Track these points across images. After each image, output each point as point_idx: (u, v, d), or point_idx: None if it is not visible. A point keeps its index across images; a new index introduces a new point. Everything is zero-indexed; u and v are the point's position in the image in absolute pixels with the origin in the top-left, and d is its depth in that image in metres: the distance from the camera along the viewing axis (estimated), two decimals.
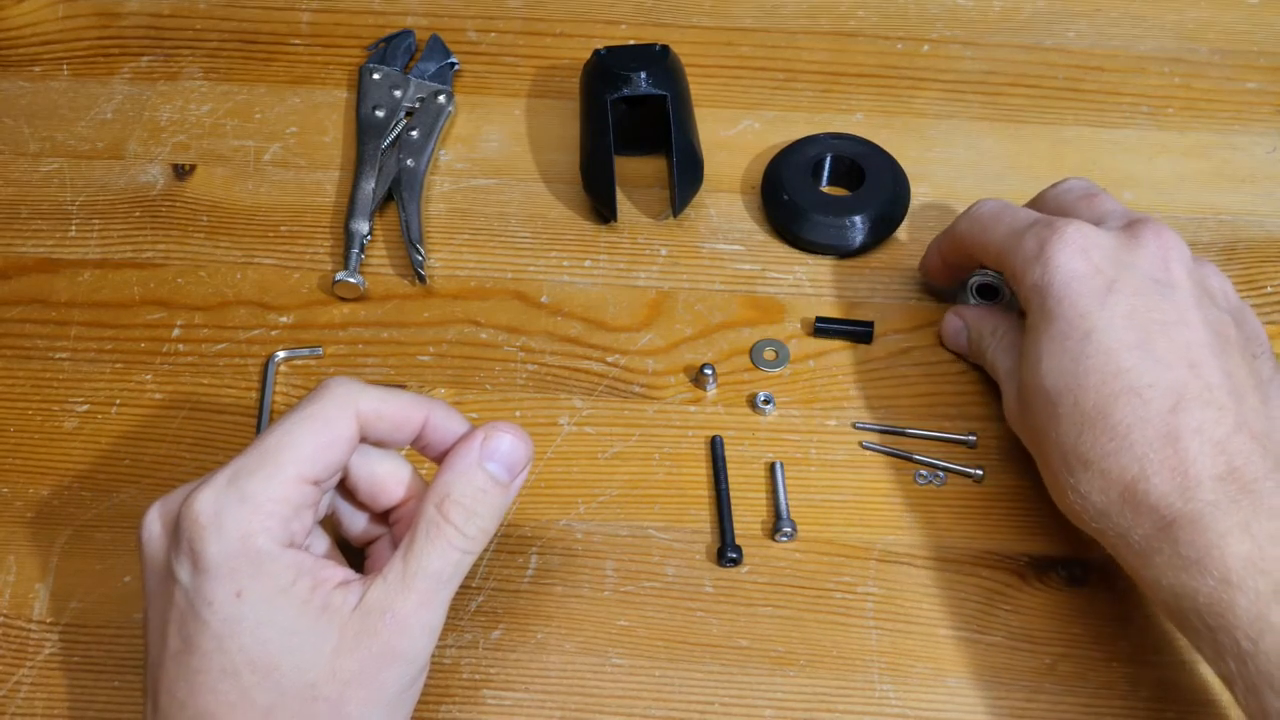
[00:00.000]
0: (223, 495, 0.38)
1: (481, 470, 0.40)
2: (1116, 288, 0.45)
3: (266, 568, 0.38)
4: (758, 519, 0.51)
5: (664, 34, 0.69)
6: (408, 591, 0.39)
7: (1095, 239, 0.46)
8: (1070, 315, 0.45)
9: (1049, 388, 0.45)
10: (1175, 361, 0.43)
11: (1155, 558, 0.41)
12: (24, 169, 0.63)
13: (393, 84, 0.64)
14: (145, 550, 0.40)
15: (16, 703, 0.47)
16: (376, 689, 0.38)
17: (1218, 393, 0.42)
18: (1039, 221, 0.48)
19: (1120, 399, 0.43)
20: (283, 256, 0.60)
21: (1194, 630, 0.41)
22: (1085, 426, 0.43)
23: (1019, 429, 0.49)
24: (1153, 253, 0.46)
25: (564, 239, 0.60)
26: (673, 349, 0.56)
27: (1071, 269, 0.45)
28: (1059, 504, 0.46)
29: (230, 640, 0.37)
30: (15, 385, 0.56)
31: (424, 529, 0.39)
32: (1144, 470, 0.42)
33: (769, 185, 0.61)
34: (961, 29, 0.69)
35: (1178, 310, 0.44)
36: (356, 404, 0.40)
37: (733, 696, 0.47)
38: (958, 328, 0.55)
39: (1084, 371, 0.44)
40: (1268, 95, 0.65)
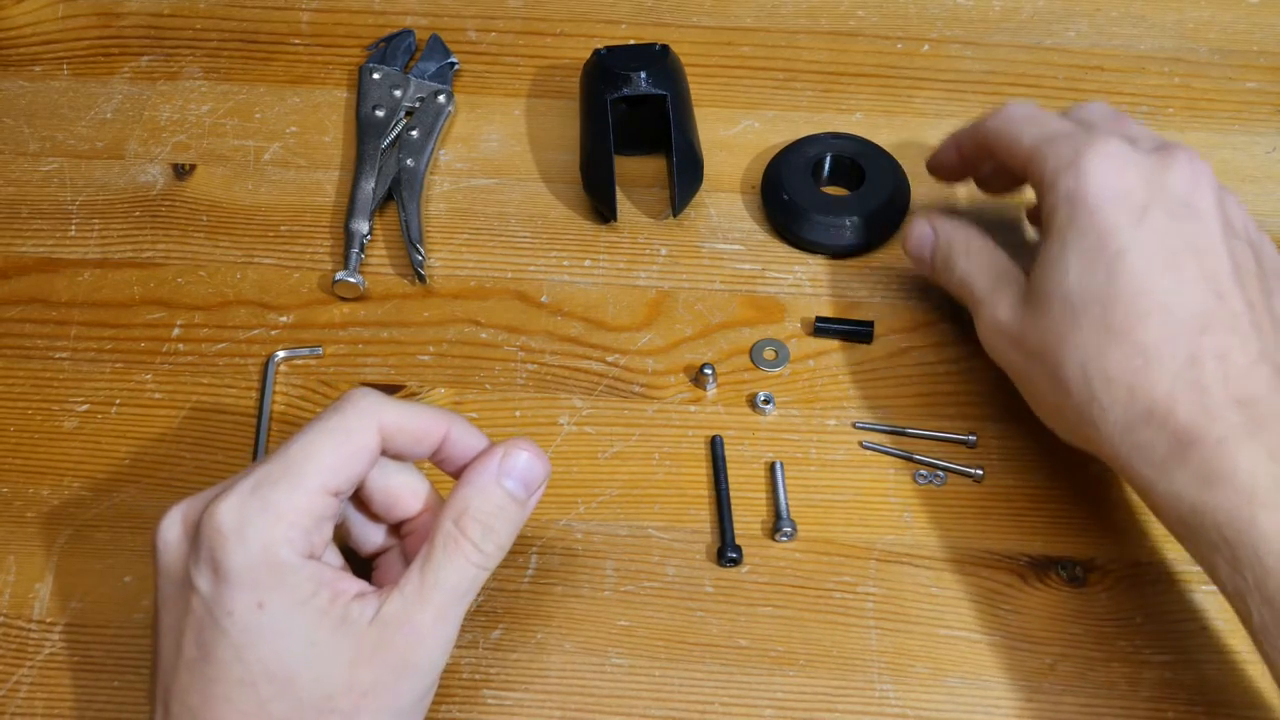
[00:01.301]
0: (246, 505, 0.38)
1: (499, 487, 0.41)
2: (1150, 208, 0.45)
3: (288, 579, 0.38)
4: (758, 519, 0.51)
5: (664, 34, 0.69)
6: (425, 605, 0.39)
7: (1132, 157, 0.46)
8: (1104, 229, 0.44)
9: (1076, 299, 0.44)
10: (1203, 287, 0.44)
11: (1176, 472, 0.42)
12: (24, 169, 0.63)
13: (393, 84, 0.64)
14: (161, 557, 0.40)
15: (16, 703, 0.47)
16: (391, 700, 0.38)
17: (1241, 321, 0.43)
18: (1076, 131, 0.48)
19: (1151, 317, 0.43)
20: (283, 256, 0.60)
21: (1210, 544, 0.41)
22: (1112, 341, 0.43)
23: (1010, 350, 0.48)
24: (1185, 178, 0.46)
25: (564, 239, 0.60)
26: (673, 349, 0.56)
27: (1109, 183, 0.45)
28: (1061, 421, 0.46)
29: (249, 651, 0.37)
30: (15, 385, 0.56)
31: (441, 543, 0.39)
32: (1172, 389, 0.42)
33: (769, 185, 0.61)
34: (961, 29, 0.69)
35: (1206, 237, 0.45)
36: (379, 417, 0.40)
37: (733, 696, 0.47)
38: (924, 236, 0.53)
39: (1116, 287, 0.44)
40: (1268, 95, 0.65)
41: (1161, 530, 0.50)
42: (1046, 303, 0.45)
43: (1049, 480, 0.52)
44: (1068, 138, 0.47)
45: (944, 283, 0.52)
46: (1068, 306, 0.45)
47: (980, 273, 0.50)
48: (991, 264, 0.50)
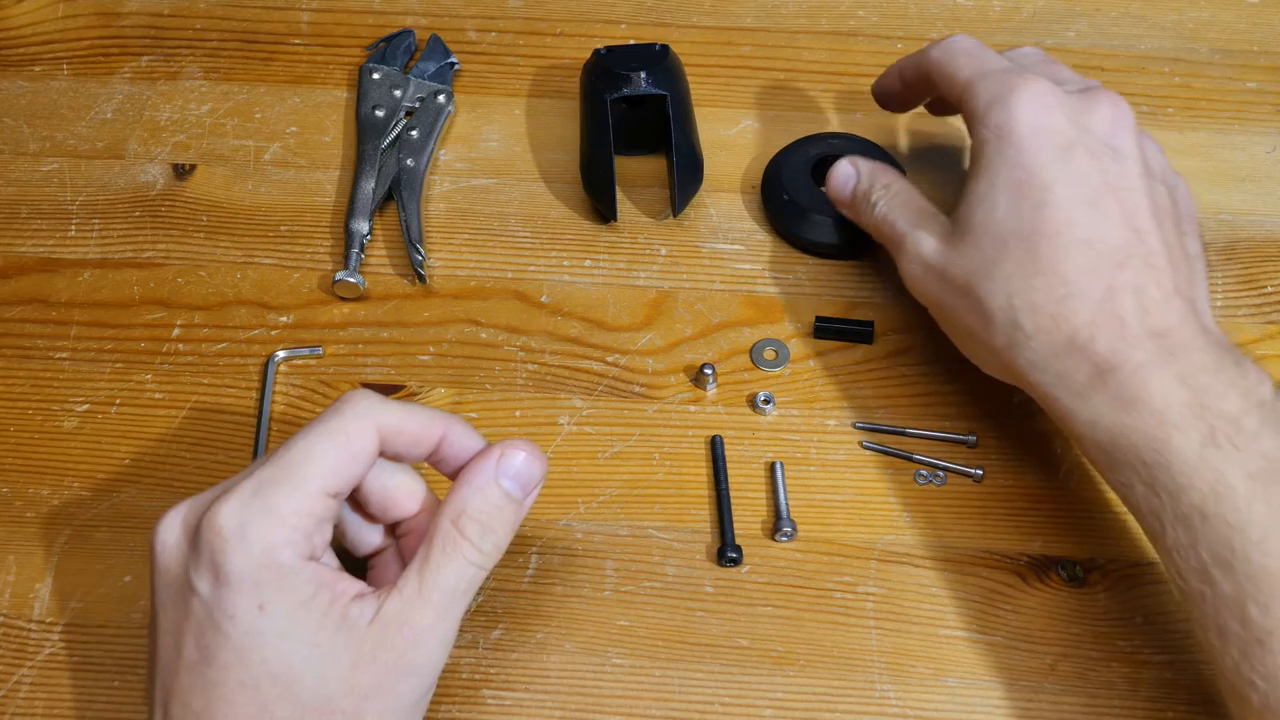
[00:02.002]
0: (247, 507, 0.38)
1: (496, 486, 0.41)
2: (1074, 147, 0.46)
3: (289, 581, 0.38)
4: (758, 519, 0.51)
5: (664, 34, 0.69)
6: (424, 605, 0.39)
7: (1059, 96, 0.47)
8: (1031, 165, 0.46)
9: (1003, 231, 0.46)
10: (1122, 224, 0.45)
11: (1094, 398, 0.43)
12: (24, 169, 0.63)
13: (393, 84, 0.64)
14: (160, 560, 0.39)
15: (16, 703, 0.47)
16: (392, 700, 0.39)
17: (1157, 258, 0.45)
18: (1009, 69, 0.49)
19: (1074, 250, 0.45)
20: (283, 256, 0.60)
21: (1128, 466, 0.43)
22: (1037, 273, 0.45)
23: (933, 284, 0.49)
24: (1107, 119, 0.47)
25: (564, 239, 0.60)
26: (673, 349, 0.56)
27: (1037, 121, 0.47)
28: (985, 353, 0.48)
29: (251, 653, 0.37)
30: (15, 385, 0.56)
31: (439, 544, 0.40)
32: (1092, 319, 0.44)
33: (769, 185, 0.61)
34: (961, 29, 0.69)
35: (1126, 177, 0.46)
36: (377, 419, 0.40)
37: (733, 696, 0.47)
38: (847, 174, 0.54)
39: (1041, 221, 0.45)
40: (1268, 95, 0.65)
41: None
42: (973, 236, 0.47)
43: (1049, 480, 0.52)
44: (1000, 74, 0.49)
45: (865, 220, 0.53)
46: (994, 239, 0.46)
47: (901, 209, 0.51)
48: (911, 202, 0.52)
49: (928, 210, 0.51)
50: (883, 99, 0.58)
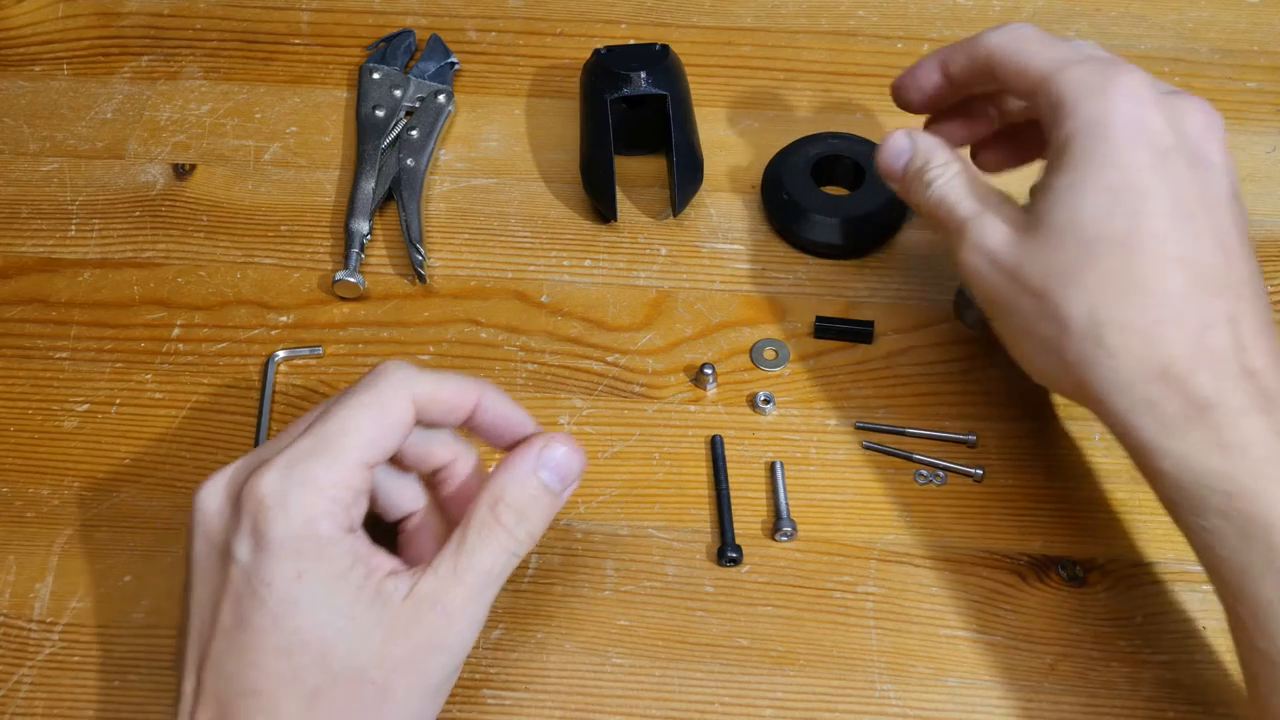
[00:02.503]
0: (288, 477, 0.39)
1: (535, 478, 0.42)
2: (1173, 153, 0.43)
3: (328, 552, 0.38)
4: (758, 519, 0.51)
5: (664, 34, 0.69)
6: (458, 585, 0.39)
7: (1156, 95, 0.43)
8: (1129, 166, 0.42)
9: (1091, 236, 0.42)
10: (1215, 245, 0.42)
11: (1188, 435, 0.40)
12: (24, 169, 0.63)
13: (393, 84, 0.64)
14: (202, 525, 0.40)
15: (16, 702, 0.47)
16: (422, 676, 0.39)
17: (1246, 288, 0.42)
18: (1098, 58, 0.45)
19: (1170, 268, 0.41)
20: (283, 256, 0.60)
21: (1218, 513, 0.40)
22: (1131, 289, 0.41)
23: (1000, 280, 0.45)
24: (1200, 125, 0.44)
25: (564, 239, 0.60)
26: (673, 349, 0.56)
27: (1139, 117, 0.43)
28: (1052, 364, 0.44)
29: (287, 620, 0.38)
30: (15, 385, 0.56)
31: (476, 528, 0.40)
32: (1189, 348, 0.41)
33: (769, 185, 0.61)
34: (961, 28, 0.69)
35: (1217, 192, 0.43)
36: (412, 388, 0.41)
37: (733, 696, 0.47)
38: (900, 147, 0.49)
39: (1138, 231, 0.42)
40: (1268, 95, 0.65)
41: (1161, 530, 0.50)
42: (1055, 235, 0.43)
43: (1049, 480, 0.52)
44: (1092, 63, 0.44)
45: (917, 200, 0.49)
46: (1080, 242, 0.42)
47: (962, 191, 0.47)
48: (973, 183, 0.47)
49: (993, 194, 0.47)
50: (909, 96, 0.52)
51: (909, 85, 0.52)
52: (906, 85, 0.52)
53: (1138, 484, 0.51)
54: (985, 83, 0.49)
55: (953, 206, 0.47)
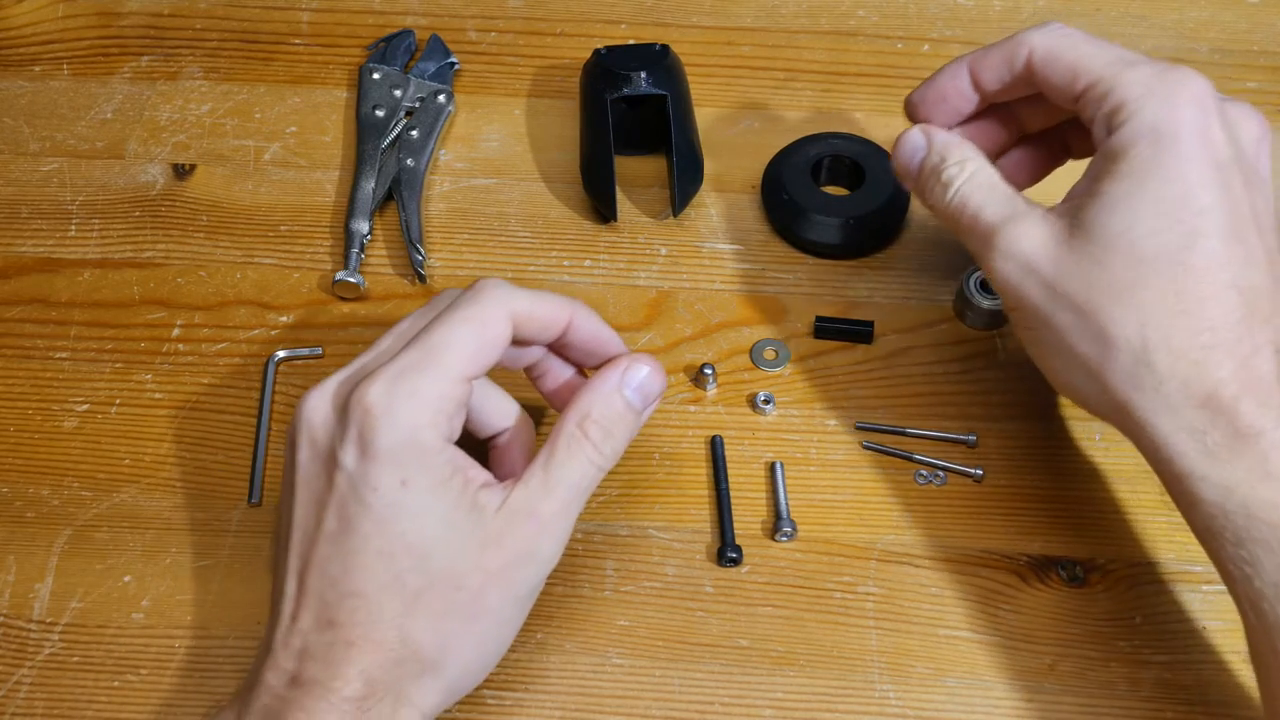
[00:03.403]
0: (394, 388, 0.40)
1: (620, 395, 0.43)
2: (1231, 167, 0.41)
3: (430, 461, 0.40)
4: (758, 519, 0.51)
5: (664, 34, 0.69)
6: (549, 498, 0.41)
7: (1218, 103, 0.41)
8: (1191, 180, 0.40)
9: (1146, 252, 0.40)
10: (1267, 268, 0.41)
11: (1233, 463, 0.39)
12: (24, 169, 0.63)
13: (393, 84, 0.64)
14: (308, 433, 0.41)
15: (16, 702, 0.47)
16: (512, 586, 0.41)
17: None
18: (1152, 61, 0.42)
19: (1225, 293, 0.40)
20: (283, 256, 0.60)
21: (1262, 544, 0.39)
22: (1181, 310, 0.40)
23: (1036, 290, 0.42)
24: (1255, 137, 0.42)
25: (564, 239, 0.60)
26: (673, 349, 0.56)
27: (1204, 126, 0.41)
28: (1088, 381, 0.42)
29: (391, 525, 0.39)
30: (15, 385, 0.56)
31: (564, 443, 0.42)
32: (1235, 374, 0.39)
33: (769, 185, 0.61)
34: (962, 28, 0.69)
35: (1267, 210, 0.42)
36: (510, 305, 0.42)
37: (733, 696, 0.47)
38: (916, 144, 0.47)
39: (1195, 250, 0.40)
40: (1268, 95, 0.65)
41: (1161, 531, 0.50)
42: (1105, 248, 0.41)
43: (1049, 480, 0.52)
44: (1153, 66, 0.42)
45: (935, 203, 0.46)
46: (1132, 257, 0.40)
47: (987, 194, 0.44)
48: (997, 185, 0.44)
49: (1018, 199, 0.44)
50: (931, 111, 0.48)
51: (930, 99, 0.48)
52: (927, 99, 0.48)
53: (1138, 484, 0.51)
54: (1020, 89, 0.46)
55: (978, 210, 0.44)
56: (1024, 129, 0.50)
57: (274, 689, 0.40)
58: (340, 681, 0.39)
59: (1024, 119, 0.50)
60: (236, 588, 0.49)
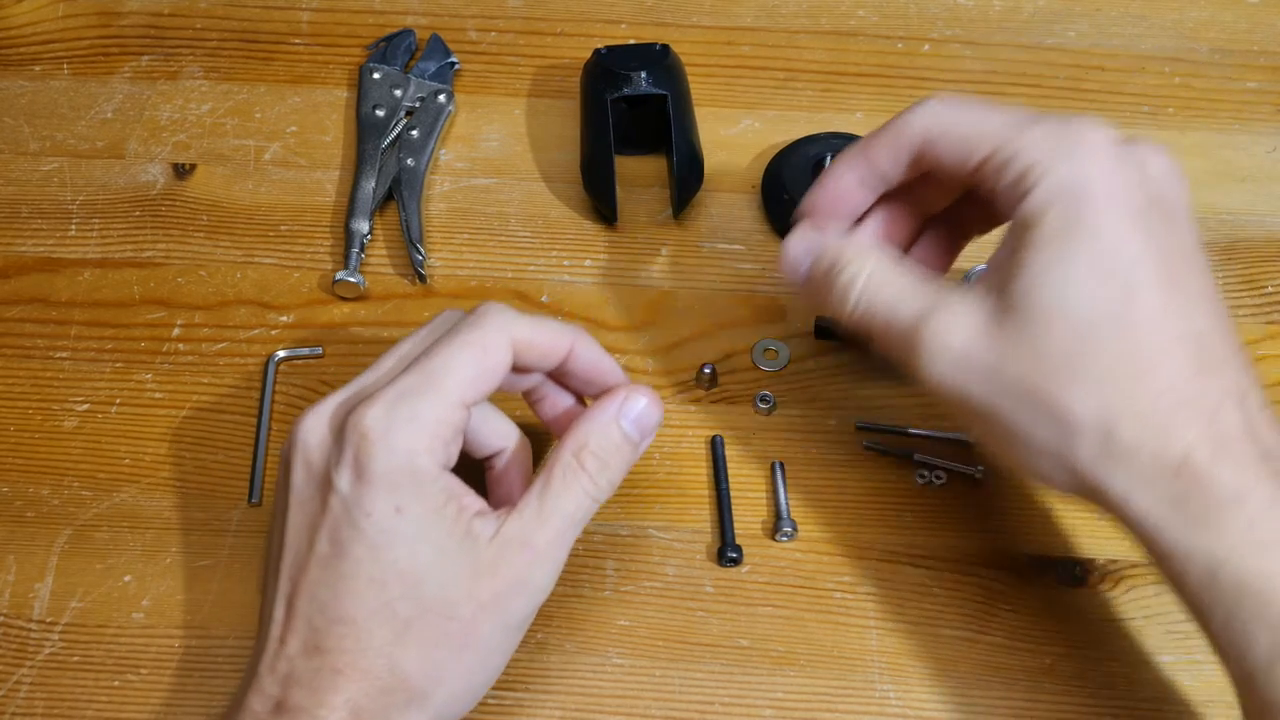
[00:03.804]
0: (392, 412, 0.39)
1: (617, 426, 0.43)
2: (1150, 210, 0.38)
3: (425, 488, 0.39)
4: (758, 519, 0.51)
5: (664, 33, 0.69)
6: (543, 528, 0.40)
7: (1122, 148, 0.39)
8: (1116, 234, 0.38)
9: (1086, 319, 0.38)
10: (1207, 310, 0.39)
11: (1220, 535, 0.36)
12: (24, 168, 0.63)
13: (393, 83, 0.64)
14: (303, 454, 0.41)
15: (16, 702, 0.47)
16: (504, 615, 0.40)
17: (1241, 355, 0.39)
18: (1048, 118, 0.40)
19: (1175, 345, 0.38)
20: (283, 256, 0.60)
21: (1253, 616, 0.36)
22: (1139, 373, 0.37)
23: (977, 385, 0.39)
24: (1164, 172, 0.40)
25: (564, 239, 0.60)
26: (673, 349, 0.56)
27: (1116, 178, 0.38)
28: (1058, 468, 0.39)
29: (384, 551, 0.39)
30: (15, 385, 0.56)
31: (560, 472, 0.41)
32: (1206, 433, 0.37)
33: (769, 185, 0.61)
34: (962, 28, 0.69)
35: (1194, 247, 0.40)
36: (512, 331, 0.42)
37: (733, 696, 0.47)
38: (798, 253, 0.44)
39: (1135, 307, 0.38)
40: (1268, 95, 0.65)
41: None
42: (1041, 323, 0.38)
43: None
44: (1046, 124, 0.40)
45: (836, 312, 0.43)
46: (1074, 328, 0.38)
47: (898, 291, 0.41)
48: (904, 275, 0.41)
49: (932, 287, 0.41)
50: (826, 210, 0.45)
51: (823, 203, 0.45)
52: (820, 205, 0.45)
53: None
54: (914, 171, 0.43)
55: (890, 311, 0.41)
56: (928, 210, 0.47)
57: (258, 715, 0.39)
58: (326, 710, 0.38)
59: (925, 200, 0.46)
60: (236, 588, 0.49)
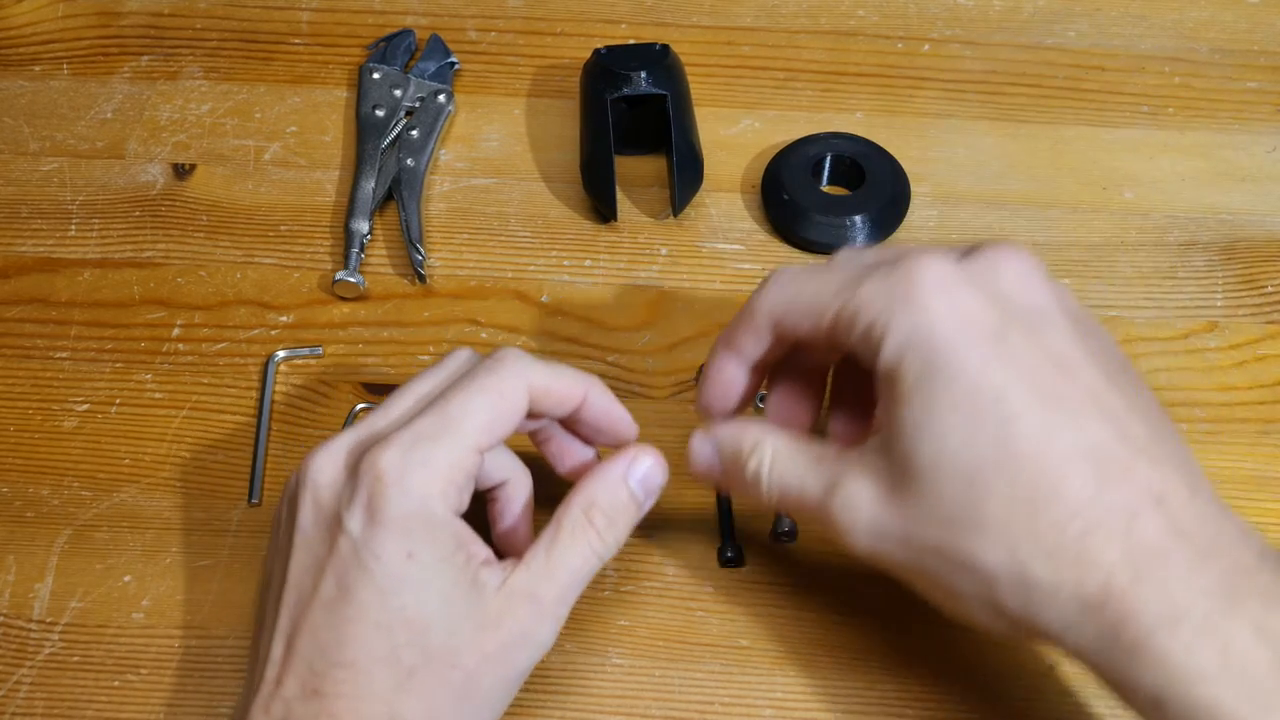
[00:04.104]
0: (409, 455, 0.39)
1: (625, 486, 0.43)
2: (1006, 328, 0.37)
3: (437, 534, 0.39)
4: (758, 519, 0.51)
5: (664, 33, 0.69)
6: (550, 582, 0.40)
7: (960, 270, 0.38)
8: (972, 371, 0.36)
9: (969, 466, 0.36)
10: (1096, 412, 0.36)
11: (1159, 665, 0.34)
12: (24, 168, 0.63)
13: (393, 83, 0.64)
14: (313, 493, 0.40)
15: (16, 702, 0.47)
16: (506, 668, 0.40)
17: (1151, 446, 0.36)
18: (878, 266, 0.39)
19: (1068, 467, 0.35)
20: (283, 256, 0.60)
21: None
22: (1039, 508, 0.35)
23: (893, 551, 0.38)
24: (1017, 276, 0.38)
25: (564, 239, 0.60)
26: (673, 349, 0.56)
27: (955, 311, 0.37)
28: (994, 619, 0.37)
29: (392, 597, 0.38)
30: (15, 385, 0.56)
31: (569, 528, 0.41)
32: (1124, 554, 0.35)
33: (769, 185, 0.61)
34: (962, 28, 0.69)
35: (1068, 345, 0.37)
36: (529, 378, 0.42)
37: (733, 696, 0.47)
38: (703, 451, 0.44)
39: (1013, 440, 0.36)
40: (1268, 95, 0.65)
41: None
42: (929, 480, 0.37)
43: None
44: (879, 275, 0.38)
45: (756, 500, 0.42)
46: (960, 478, 0.36)
47: (800, 470, 0.41)
48: (802, 452, 0.41)
49: (831, 461, 0.40)
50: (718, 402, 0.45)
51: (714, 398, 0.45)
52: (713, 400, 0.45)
53: None
54: (780, 349, 0.43)
55: (799, 492, 0.40)
56: (827, 362, 0.46)
57: None
58: None
59: (818, 356, 0.45)
60: (236, 588, 0.49)
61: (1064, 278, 0.58)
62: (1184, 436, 0.38)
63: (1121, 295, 0.58)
